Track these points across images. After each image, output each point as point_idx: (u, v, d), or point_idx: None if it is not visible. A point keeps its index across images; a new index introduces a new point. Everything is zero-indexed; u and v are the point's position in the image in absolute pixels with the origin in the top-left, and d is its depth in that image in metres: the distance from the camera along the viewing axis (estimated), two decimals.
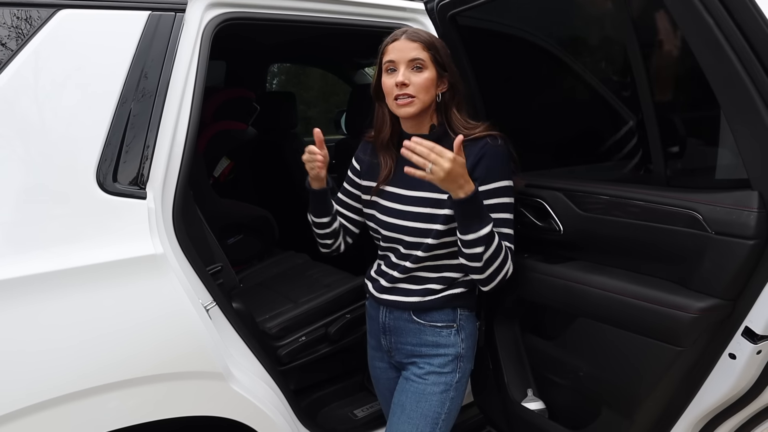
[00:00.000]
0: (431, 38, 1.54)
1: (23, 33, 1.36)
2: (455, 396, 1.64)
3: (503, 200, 1.53)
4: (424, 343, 1.64)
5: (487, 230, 1.42)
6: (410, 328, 1.64)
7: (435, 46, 1.52)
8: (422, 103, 1.52)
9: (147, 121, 1.47)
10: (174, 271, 1.46)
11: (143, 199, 1.44)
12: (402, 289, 1.64)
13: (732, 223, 1.32)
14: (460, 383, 1.64)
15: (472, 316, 1.68)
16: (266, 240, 3.03)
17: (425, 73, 1.50)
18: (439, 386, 1.61)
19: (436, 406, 1.60)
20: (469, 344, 1.66)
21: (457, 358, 1.63)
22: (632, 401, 1.58)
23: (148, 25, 1.49)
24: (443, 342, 1.62)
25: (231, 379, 1.56)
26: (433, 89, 1.52)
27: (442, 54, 1.52)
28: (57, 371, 1.31)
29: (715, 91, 1.31)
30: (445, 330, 1.62)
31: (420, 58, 1.50)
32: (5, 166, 1.31)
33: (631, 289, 1.52)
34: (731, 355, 1.41)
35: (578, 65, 1.87)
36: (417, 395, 1.61)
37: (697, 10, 1.25)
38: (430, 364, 1.63)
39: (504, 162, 1.53)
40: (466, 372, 1.67)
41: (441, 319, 1.62)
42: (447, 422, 1.63)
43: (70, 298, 1.32)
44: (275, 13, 1.77)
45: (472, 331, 1.68)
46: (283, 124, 3.45)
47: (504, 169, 1.53)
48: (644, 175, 1.62)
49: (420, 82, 1.50)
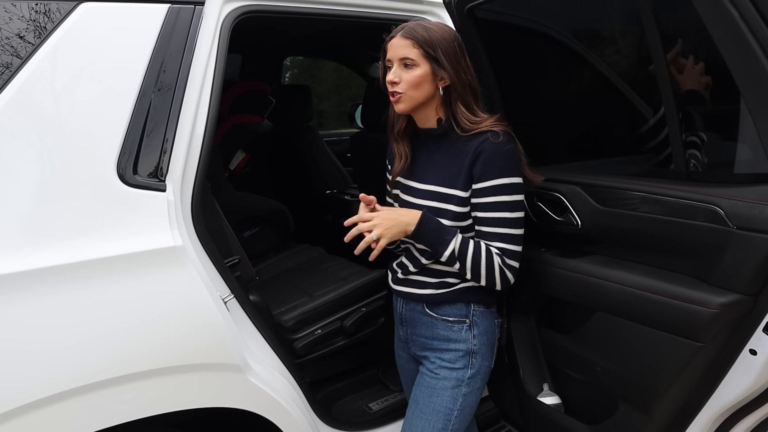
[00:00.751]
0: (426, 34, 1.50)
1: (45, 26, 1.37)
2: (468, 392, 1.61)
3: (499, 198, 1.49)
4: (436, 337, 1.63)
5: (448, 252, 1.49)
6: (423, 320, 1.65)
7: (429, 42, 1.49)
8: (412, 99, 1.52)
9: (166, 114, 1.48)
10: (193, 263, 1.47)
11: (163, 192, 1.45)
12: (417, 281, 1.64)
13: (754, 218, 1.30)
14: (473, 379, 1.62)
15: (489, 313, 1.65)
16: (282, 233, 3.04)
17: (415, 71, 1.50)
18: (450, 381, 1.60)
19: (447, 401, 1.59)
20: (484, 341, 1.63)
21: (469, 354, 1.61)
22: (650, 397, 1.57)
23: (167, 18, 1.51)
24: (454, 337, 1.61)
25: (249, 371, 1.57)
26: (426, 85, 1.51)
27: (438, 50, 1.48)
28: (78, 362, 1.34)
29: (739, 85, 1.29)
30: (457, 325, 1.61)
31: (409, 57, 1.50)
32: (28, 159, 1.33)
33: (650, 283, 1.51)
34: (752, 351, 1.40)
35: (597, 58, 1.85)
36: (429, 390, 1.62)
37: (721, 1, 1.23)
38: (441, 359, 1.62)
39: (503, 159, 1.49)
40: (480, 369, 1.63)
41: (453, 314, 1.61)
42: (460, 418, 1.61)
43: (90, 288, 1.34)
44: (292, 6, 1.78)
45: (488, 328, 1.64)
46: (298, 117, 3.46)
47: (502, 167, 1.49)
48: (664, 169, 1.60)
49: (408, 80, 1.50)
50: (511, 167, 1.50)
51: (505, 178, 1.49)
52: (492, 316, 1.66)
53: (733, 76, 1.29)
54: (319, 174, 3.46)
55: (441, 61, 1.49)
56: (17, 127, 1.32)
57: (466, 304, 1.61)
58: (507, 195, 1.49)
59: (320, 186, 3.41)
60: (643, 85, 1.73)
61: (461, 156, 1.52)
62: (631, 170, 1.80)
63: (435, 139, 1.59)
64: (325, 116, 6.04)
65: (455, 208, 1.53)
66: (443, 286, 1.61)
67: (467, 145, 1.51)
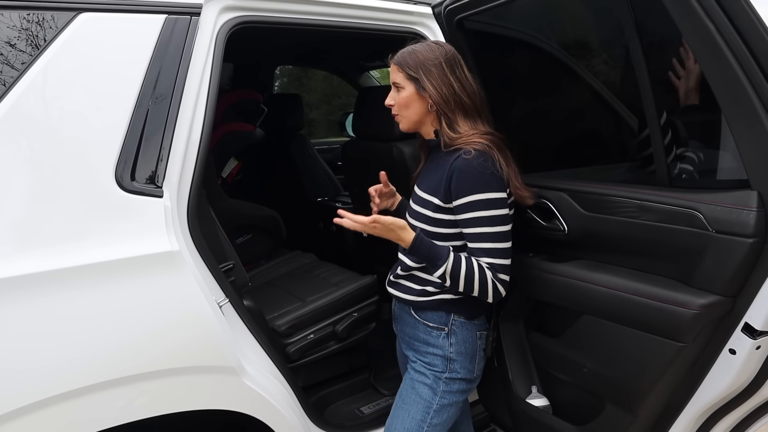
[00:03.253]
0: (409, 57, 1.58)
1: (45, 35, 1.40)
2: (447, 391, 1.66)
3: (476, 214, 1.51)
4: (417, 338, 1.70)
5: (440, 272, 1.52)
6: (409, 320, 1.72)
7: (411, 65, 1.57)
8: (407, 119, 1.63)
9: (163, 121, 1.51)
10: (189, 267, 1.50)
11: (160, 198, 1.48)
12: (404, 285, 1.71)
13: (732, 222, 1.35)
14: (451, 381, 1.66)
15: (470, 324, 1.67)
16: (274, 240, 3.07)
17: (402, 93, 1.60)
18: (429, 377, 1.66)
19: (428, 394, 1.65)
20: (461, 350, 1.66)
21: (446, 359, 1.65)
22: (635, 396, 1.62)
23: (164, 28, 1.54)
24: (432, 342, 1.66)
25: (243, 374, 1.60)
26: (414, 105, 1.60)
27: (420, 71, 1.55)
28: (75, 364, 1.35)
29: (716, 94, 1.35)
30: (435, 331, 1.66)
31: (396, 81, 1.61)
32: (27, 167, 1.35)
33: (634, 286, 1.56)
34: (731, 351, 1.45)
35: (583, 69, 1.90)
36: (411, 382, 1.69)
37: (698, 15, 1.29)
38: (421, 360, 1.69)
39: (472, 176, 1.50)
40: (459, 373, 1.66)
41: (433, 320, 1.66)
42: (437, 416, 1.65)
43: (88, 292, 1.36)
44: (286, 17, 1.82)
45: (466, 339, 1.66)
46: (290, 125, 3.50)
47: (476, 183, 1.50)
48: (647, 175, 1.65)
49: (399, 102, 1.62)
50: (483, 183, 1.50)
51: (477, 194, 1.50)
52: (474, 327, 1.68)
53: (711, 86, 1.35)
54: (311, 182, 3.50)
55: (422, 81, 1.55)
56: (15, 135, 1.34)
57: (446, 313, 1.65)
58: (483, 210, 1.50)
59: (312, 194, 3.45)
60: (626, 94, 1.78)
61: (443, 168, 1.57)
62: (615, 177, 1.86)
63: (435, 149, 1.67)
64: (315, 125, 6.07)
65: (430, 213, 1.59)
66: (424, 294, 1.66)
67: (448, 158, 1.56)
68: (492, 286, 1.52)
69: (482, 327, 1.71)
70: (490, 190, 1.50)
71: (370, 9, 1.97)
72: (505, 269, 1.54)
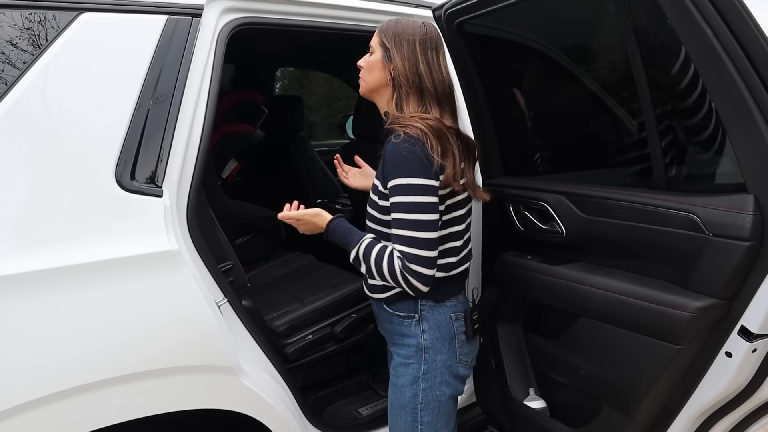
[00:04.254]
0: (390, 25, 1.56)
1: (47, 35, 1.41)
2: (427, 387, 1.61)
3: (397, 199, 1.45)
4: (394, 331, 1.66)
5: (352, 255, 1.56)
6: (384, 315, 1.68)
7: (387, 32, 1.55)
8: (367, 84, 1.61)
9: (164, 122, 1.52)
10: (188, 267, 1.50)
11: (159, 197, 1.48)
12: (371, 284, 1.69)
13: (728, 226, 1.36)
14: (429, 375, 1.60)
15: (440, 307, 1.61)
16: (273, 241, 3.07)
17: (371, 57, 1.59)
18: (407, 378, 1.62)
19: (409, 397, 1.62)
20: (436, 335, 1.60)
21: (421, 349, 1.60)
22: (632, 399, 1.62)
23: (165, 29, 1.54)
24: (406, 332, 1.62)
25: (241, 374, 1.60)
26: (377, 71, 1.57)
27: (392, 40, 1.53)
28: (74, 363, 1.36)
29: (713, 98, 1.36)
30: (407, 320, 1.62)
31: (371, 44, 1.60)
32: (29, 165, 1.36)
33: (631, 289, 1.56)
34: (728, 354, 1.45)
35: (582, 72, 1.91)
36: (394, 389, 1.66)
37: (695, 20, 1.30)
38: (398, 354, 1.65)
39: (398, 159, 1.44)
40: (435, 364, 1.60)
41: (403, 309, 1.62)
42: (428, 412, 1.62)
43: (87, 291, 1.36)
44: (287, 18, 1.83)
45: (439, 323, 1.60)
46: (290, 127, 3.51)
47: (399, 166, 1.45)
48: (644, 179, 1.66)
49: (366, 65, 1.60)
50: (407, 168, 1.44)
51: (400, 178, 1.44)
52: (446, 310, 1.62)
53: (708, 91, 1.36)
54: (311, 183, 3.50)
55: (390, 51, 1.53)
56: (16, 134, 1.35)
57: (414, 300, 1.60)
58: (403, 196, 1.45)
59: (311, 195, 3.45)
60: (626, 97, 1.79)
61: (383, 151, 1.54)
62: (613, 180, 1.86)
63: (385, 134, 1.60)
64: (315, 127, 6.08)
65: (377, 199, 1.56)
66: (387, 290, 1.63)
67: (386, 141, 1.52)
68: (402, 277, 1.45)
69: (457, 309, 1.63)
70: (412, 174, 1.43)
71: (370, 12, 1.97)
72: (420, 260, 1.44)
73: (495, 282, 2.05)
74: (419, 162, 1.43)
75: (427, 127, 1.45)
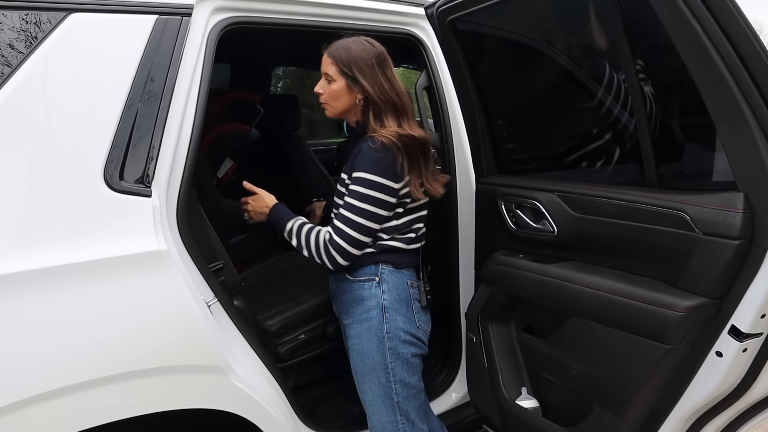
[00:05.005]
0: (344, 54, 1.69)
1: (35, 35, 1.41)
2: (392, 346, 1.74)
3: (355, 188, 1.65)
4: (354, 299, 1.79)
5: (287, 228, 1.80)
6: (344, 286, 1.82)
7: (345, 61, 1.68)
8: (334, 109, 1.77)
9: (153, 122, 1.51)
10: (177, 267, 1.50)
11: (148, 197, 1.48)
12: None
13: (718, 224, 1.36)
14: (392, 333, 1.74)
15: (398, 273, 1.78)
16: (268, 240, 3.07)
17: (333, 85, 1.73)
18: (372, 341, 1.74)
19: (378, 358, 1.74)
20: (394, 297, 1.75)
21: (381, 309, 1.74)
22: (622, 398, 1.62)
23: (155, 29, 1.54)
24: (366, 294, 1.76)
25: (231, 374, 1.60)
26: (344, 97, 1.73)
27: (354, 68, 1.68)
28: (62, 363, 1.35)
29: (703, 96, 1.35)
30: (368, 283, 1.76)
31: (328, 73, 1.73)
32: (17, 165, 1.35)
33: (621, 288, 1.56)
34: (718, 353, 1.45)
35: (574, 69, 1.90)
36: (360, 355, 1.78)
37: (685, 17, 1.29)
38: (354, 315, 1.78)
39: (369, 158, 1.63)
40: (396, 323, 1.74)
41: (365, 273, 1.77)
42: (398, 370, 1.75)
43: (76, 292, 1.36)
44: (279, 18, 1.82)
45: (397, 285, 1.77)
46: (287, 126, 3.50)
47: (368, 162, 1.63)
48: (636, 177, 1.65)
49: (329, 93, 1.75)
50: (375, 167, 1.63)
51: (365, 173, 1.63)
52: (403, 276, 1.79)
53: (698, 88, 1.35)
54: (306, 182, 3.49)
55: (356, 78, 1.68)
56: (5, 133, 1.35)
57: (375, 265, 1.76)
58: (362, 187, 1.64)
59: (307, 194, 3.44)
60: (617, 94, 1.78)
61: (356, 149, 1.71)
62: (604, 178, 1.86)
63: (355, 137, 1.82)
64: (317, 126, 6.07)
65: (342, 190, 1.73)
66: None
67: (361, 142, 1.70)
68: (324, 248, 1.68)
69: (412, 278, 1.82)
70: (377, 173, 1.63)
71: (362, 10, 1.97)
72: (347, 237, 1.65)
73: (487, 281, 2.04)
74: (387, 164, 1.63)
75: (402, 144, 1.64)
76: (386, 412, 1.79)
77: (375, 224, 1.67)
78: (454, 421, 2.34)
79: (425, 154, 1.71)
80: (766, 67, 1.24)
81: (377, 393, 1.78)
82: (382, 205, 1.66)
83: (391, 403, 1.78)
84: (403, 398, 1.78)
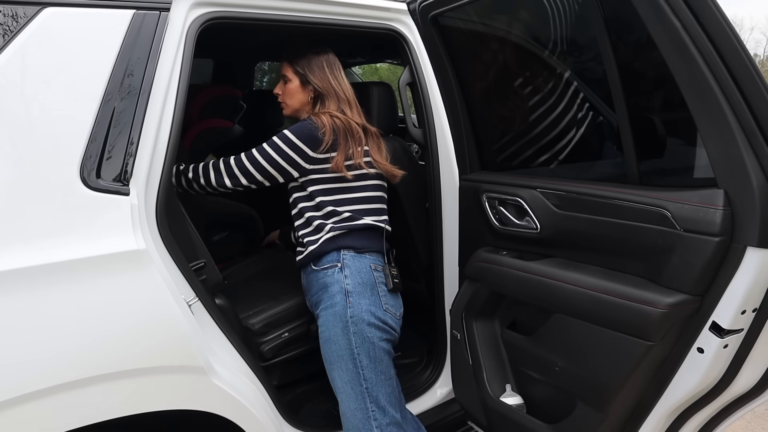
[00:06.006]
0: (298, 56, 1.97)
1: (9, 30, 1.37)
2: (357, 330, 1.78)
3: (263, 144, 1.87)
4: (320, 288, 1.86)
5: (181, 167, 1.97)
6: (311, 278, 1.91)
7: (299, 62, 1.96)
8: (291, 107, 2.03)
9: (131, 118, 1.49)
10: (156, 266, 1.48)
11: (126, 196, 1.45)
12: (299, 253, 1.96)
13: (699, 221, 1.36)
14: (356, 317, 1.78)
15: (360, 257, 1.86)
16: (251, 237, 3.04)
17: (289, 84, 2.00)
18: (336, 328, 1.79)
19: (344, 344, 1.79)
20: (357, 281, 1.82)
21: (345, 294, 1.80)
22: (605, 395, 1.62)
23: (132, 23, 1.51)
24: (329, 281, 1.84)
25: (212, 374, 1.58)
26: (299, 95, 1.99)
27: (305, 69, 1.95)
28: (39, 364, 1.33)
29: (683, 92, 1.35)
30: (330, 270, 1.85)
31: (285, 75, 2.00)
32: None
33: (603, 285, 1.56)
34: (699, 350, 1.45)
35: (556, 65, 1.90)
36: (327, 342, 1.83)
37: (664, 13, 1.29)
38: (321, 303, 1.84)
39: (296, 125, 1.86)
40: (360, 307, 1.79)
41: (328, 261, 1.86)
42: (363, 356, 1.78)
43: (52, 291, 1.33)
44: (259, 12, 1.80)
45: (360, 269, 1.84)
46: (270, 122, 3.48)
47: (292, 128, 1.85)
48: (618, 174, 1.65)
49: (286, 92, 2.02)
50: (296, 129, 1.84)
51: (287, 131, 1.84)
52: (366, 260, 1.86)
53: (678, 85, 1.35)
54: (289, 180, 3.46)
55: (307, 77, 1.95)
56: None
57: (336, 251, 1.86)
58: (277, 137, 1.85)
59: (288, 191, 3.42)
60: (599, 91, 1.79)
61: None
62: (589, 175, 1.86)
63: None
64: None
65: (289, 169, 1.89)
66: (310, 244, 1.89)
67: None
68: (193, 170, 1.93)
69: (376, 262, 1.89)
70: (296, 135, 1.83)
71: (344, 5, 1.95)
72: (220, 174, 1.91)
73: (471, 278, 2.04)
74: (308, 131, 1.82)
75: (332, 121, 1.84)
76: (356, 399, 1.80)
77: (257, 174, 1.86)
78: (440, 418, 2.34)
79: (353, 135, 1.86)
80: (744, 63, 1.25)
81: (345, 380, 1.80)
82: (274, 163, 1.83)
83: (360, 390, 1.79)
84: (372, 384, 1.79)
